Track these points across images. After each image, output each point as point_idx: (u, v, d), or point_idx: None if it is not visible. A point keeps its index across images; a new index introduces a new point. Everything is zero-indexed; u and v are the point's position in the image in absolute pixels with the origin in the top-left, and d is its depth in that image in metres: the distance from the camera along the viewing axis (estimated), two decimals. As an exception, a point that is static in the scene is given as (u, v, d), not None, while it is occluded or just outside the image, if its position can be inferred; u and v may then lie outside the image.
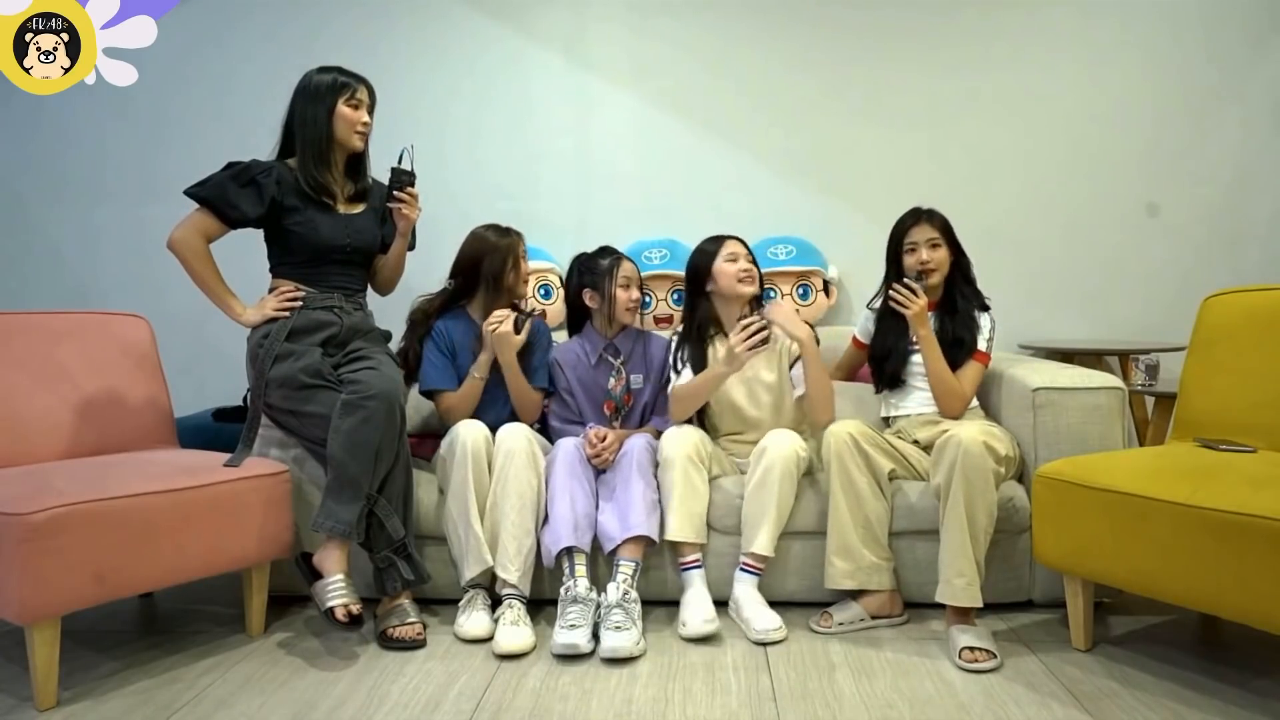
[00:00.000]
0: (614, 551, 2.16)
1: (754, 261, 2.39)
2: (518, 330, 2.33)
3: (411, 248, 2.45)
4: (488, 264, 2.40)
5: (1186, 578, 1.70)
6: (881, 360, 2.40)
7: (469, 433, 2.21)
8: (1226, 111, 3.13)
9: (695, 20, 3.19)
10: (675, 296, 2.99)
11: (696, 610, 2.08)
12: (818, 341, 2.30)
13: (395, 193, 2.25)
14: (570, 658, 1.96)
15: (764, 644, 2.03)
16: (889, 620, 2.14)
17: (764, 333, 2.10)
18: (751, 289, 2.35)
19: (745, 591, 2.14)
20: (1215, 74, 3.12)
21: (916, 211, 2.36)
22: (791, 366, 2.39)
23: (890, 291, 2.26)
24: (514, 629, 2.03)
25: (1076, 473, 1.91)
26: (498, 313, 2.33)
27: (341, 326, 2.26)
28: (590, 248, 2.54)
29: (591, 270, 2.47)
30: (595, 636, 2.01)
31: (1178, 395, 2.24)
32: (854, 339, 2.55)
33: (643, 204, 3.22)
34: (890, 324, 2.38)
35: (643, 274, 2.91)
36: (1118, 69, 3.14)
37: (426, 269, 2.60)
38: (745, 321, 2.12)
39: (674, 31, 3.19)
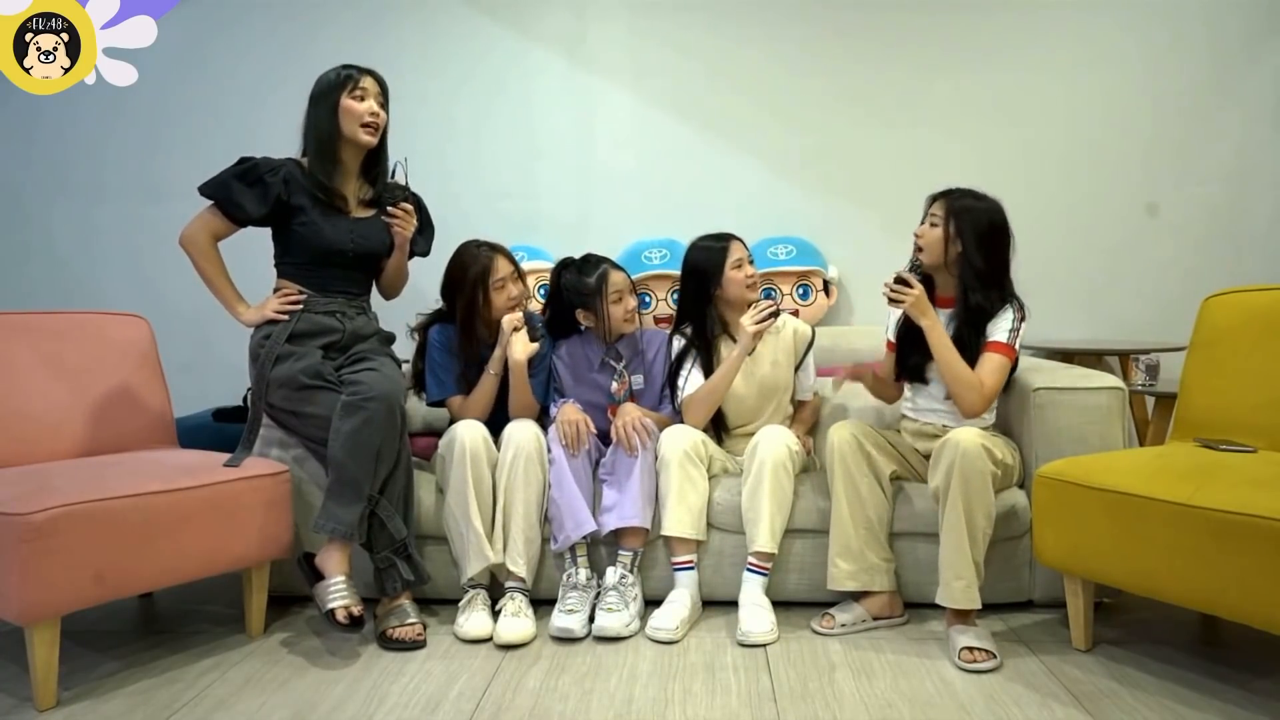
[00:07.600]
0: (614, 539, 2.21)
1: (751, 262, 2.42)
2: (533, 338, 2.32)
3: (426, 254, 2.44)
4: (468, 278, 2.33)
5: (1186, 578, 1.70)
6: (904, 349, 2.25)
7: (467, 432, 2.21)
8: (1226, 111, 3.12)
9: (695, 21, 3.18)
10: (675, 296, 2.98)
11: (665, 613, 2.09)
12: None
13: (389, 209, 2.22)
14: (568, 643, 2.03)
15: (746, 646, 2.03)
16: (889, 621, 2.14)
17: (774, 319, 2.27)
18: (755, 295, 2.42)
19: (748, 592, 2.13)
20: (1215, 74, 3.11)
21: (941, 191, 2.18)
22: (797, 368, 2.47)
23: (885, 290, 2.13)
24: (515, 620, 2.07)
25: (1076, 473, 1.91)
26: (515, 316, 2.29)
27: (344, 333, 2.25)
28: (590, 248, 2.52)
29: (579, 291, 2.40)
30: (592, 622, 2.09)
31: (1178, 395, 2.24)
32: (888, 343, 2.36)
33: (643, 204, 3.22)
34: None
35: (643, 274, 2.92)
36: (1118, 69, 3.13)
37: (434, 272, 2.59)
38: (759, 305, 2.27)
39: (674, 33, 3.19)
